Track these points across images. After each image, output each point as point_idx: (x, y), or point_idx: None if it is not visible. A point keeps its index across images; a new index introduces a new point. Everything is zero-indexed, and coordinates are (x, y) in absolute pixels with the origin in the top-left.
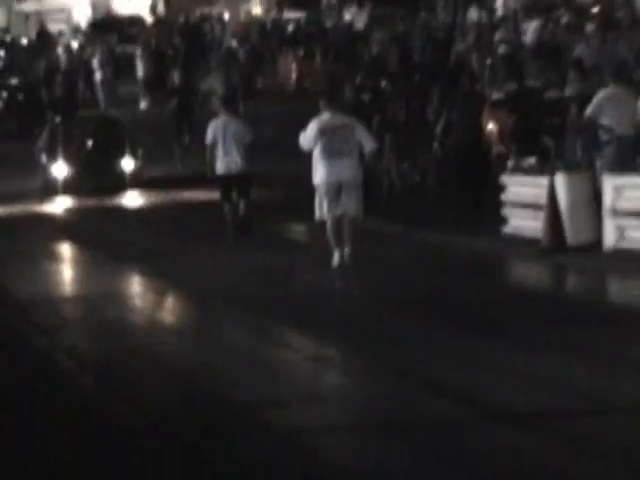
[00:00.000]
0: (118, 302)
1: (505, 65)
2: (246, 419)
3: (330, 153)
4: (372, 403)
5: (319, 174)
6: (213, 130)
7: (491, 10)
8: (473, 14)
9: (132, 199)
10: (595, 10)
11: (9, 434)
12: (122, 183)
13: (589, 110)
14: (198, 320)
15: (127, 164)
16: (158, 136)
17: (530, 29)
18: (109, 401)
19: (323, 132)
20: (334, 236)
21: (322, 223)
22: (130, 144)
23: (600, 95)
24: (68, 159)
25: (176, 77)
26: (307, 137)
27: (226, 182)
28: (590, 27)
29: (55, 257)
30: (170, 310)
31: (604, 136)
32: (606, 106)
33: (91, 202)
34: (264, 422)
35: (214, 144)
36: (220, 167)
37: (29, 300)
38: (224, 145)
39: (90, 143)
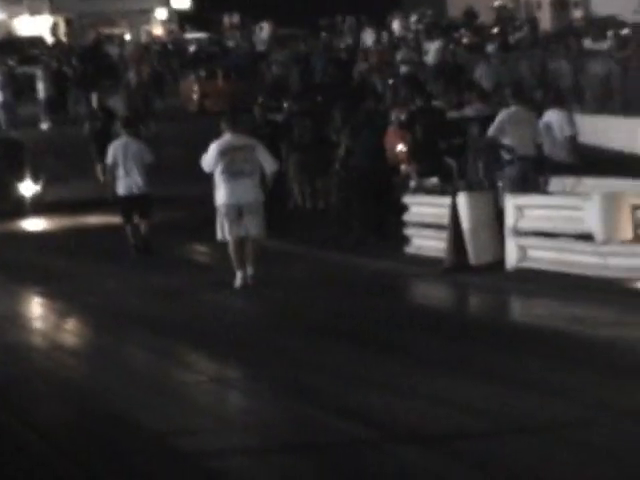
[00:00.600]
0: (18, 324)
1: (407, 85)
2: (150, 443)
3: (231, 174)
4: (276, 425)
5: (220, 195)
6: (113, 151)
7: (390, 31)
8: (368, 37)
9: (33, 223)
10: (495, 31)
11: None
12: (22, 207)
13: (491, 130)
14: (100, 342)
15: (27, 187)
16: (59, 157)
17: (432, 49)
18: (7, 424)
19: (224, 153)
20: (236, 257)
21: (224, 244)
22: (31, 166)
23: (502, 115)
24: None
25: (94, 99)
26: (208, 159)
27: (127, 203)
28: (491, 47)
29: None
30: (71, 332)
31: (506, 156)
32: (508, 126)
33: None
34: (171, 446)
35: (114, 165)
36: (121, 188)
37: None
38: (125, 166)
39: None
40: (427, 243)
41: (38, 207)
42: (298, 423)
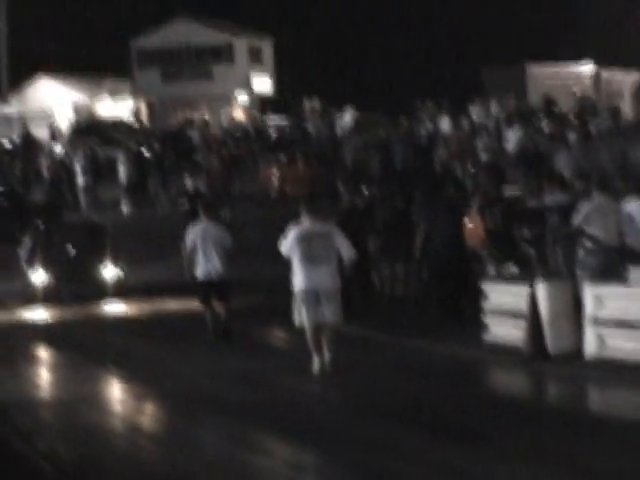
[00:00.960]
0: (96, 406)
1: (487, 173)
2: None
3: (308, 260)
4: None
5: (298, 281)
6: (192, 236)
7: (470, 117)
8: (445, 123)
9: (113, 306)
10: (576, 119)
11: None
12: (103, 291)
13: (577, 219)
14: (176, 426)
15: (109, 271)
16: (140, 240)
17: (512, 137)
18: None
19: (302, 239)
20: (314, 343)
21: (302, 329)
22: (112, 251)
23: (587, 205)
24: (49, 266)
25: (188, 181)
26: (286, 244)
27: (206, 288)
28: (572, 136)
29: (34, 361)
30: (148, 415)
31: (589, 245)
32: (592, 216)
33: (71, 309)
34: None
35: (193, 249)
36: (200, 273)
37: (8, 403)
38: (204, 250)
39: (72, 249)
40: (505, 331)
41: (119, 290)
42: None
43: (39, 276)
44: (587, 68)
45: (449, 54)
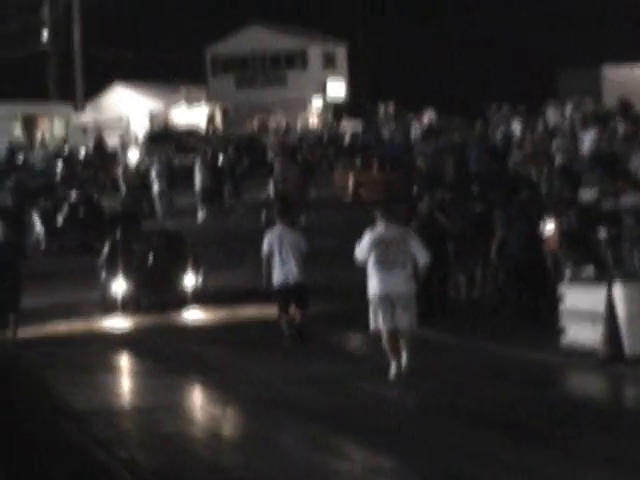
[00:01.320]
0: (176, 414)
1: (562, 176)
2: None
3: (383, 265)
4: None
5: (372, 286)
6: (269, 241)
7: (545, 119)
8: (517, 126)
9: (193, 314)
10: None
11: None
12: (184, 300)
13: None
14: (256, 431)
15: (189, 280)
16: (216, 248)
17: (587, 139)
18: None
19: (377, 244)
20: (390, 348)
21: (378, 334)
22: (192, 259)
23: None
24: (128, 275)
25: (270, 188)
26: (362, 249)
27: (284, 293)
28: None
29: (113, 369)
30: (227, 421)
31: None
32: None
33: (151, 318)
34: None
35: (270, 255)
36: (277, 278)
37: (88, 412)
38: (280, 256)
39: (151, 258)
40: (583, 334)
41: (199, 299)
42: None
43: (119, 285)
44: None
45: (525, 57)
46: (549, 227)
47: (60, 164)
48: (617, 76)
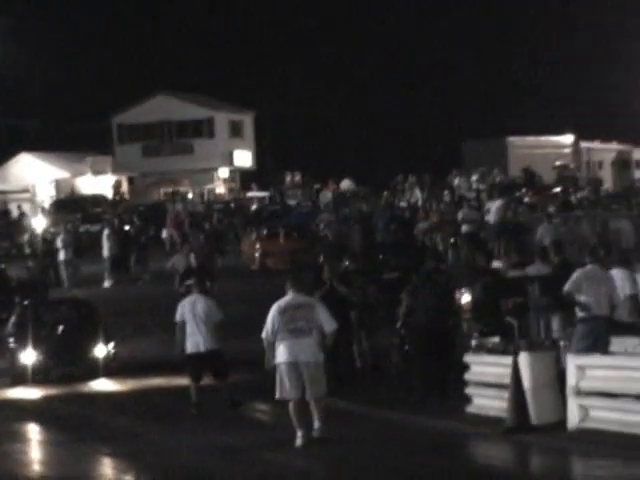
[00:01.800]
0: None
1: (468, 244)
2: None
3: (290, 332)
4: None
5: (280, 353)
6: (181, 309)
7: (452, 189)
8: (419, 197)
9: (102, 384)
10: (557, 190)
11: None
12: (94, 370)
13: (567, 286)
14: None
15: (99, 350)
16: (124, 316)
17: (493, 208)
18: None
19: (283, 311)
20: (296, 416)
21: (285, 401)
22: (102, 329)
23: (578, 273)
24: (38, 345)
25: (192, 259)
26: (267, 327)
27: (195, 360)
28: (552, 207)
29: (20, 439)
30: None
31: (580, 313)
32: (584, 284)
33: (61, 388)
34: None
35: (183, 323)
36: (189, 346)
37: None
38: (193, 323)
39: (61, 328)
40: (488, 402)
41: (109, 369)
42: None
43: (28, 355)
44: (567, 140)
45: (430, 130)
46: (466, 296)
47: None
48: (522, 147)
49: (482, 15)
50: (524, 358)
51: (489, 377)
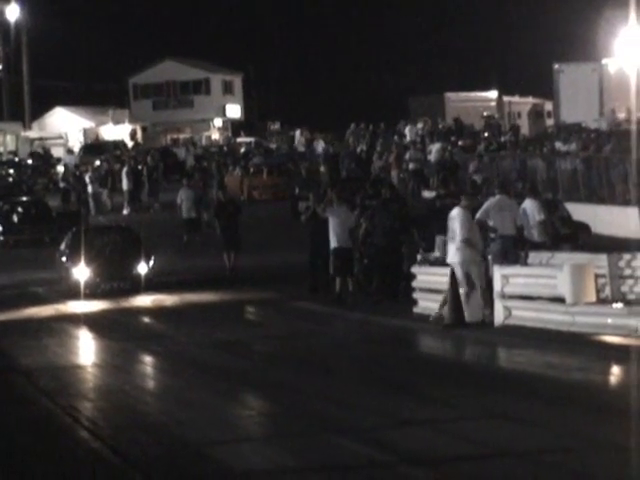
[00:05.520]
0: (109, 370)
1: (414, 178)
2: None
3: None
4: (305, 450)
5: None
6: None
7: (401, 135)
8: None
9: (145, 299)
10: (485, 135)
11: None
12: (137, 285)
13: (478, 214)
14: (174, 385)
15: (141, 268)
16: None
17: (433, 150)
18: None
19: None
20: None
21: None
22: (144, 249)
23: (488, 202)
24: (88, 263)
25: (219, 194)
26: None
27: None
28: (481, 148)
29: (63, 335)
30: (152, 377)
31: (491, 235)
32: (492, 211)
33: (108, 300)
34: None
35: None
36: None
37: (34, 368)
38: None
39: (108, 249)
40: (431, 305)
41: (150, 285)
42: (324, 448)
43: (80, 272)
44: (492, 95)
45: (383, 87)
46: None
47: (11, 171)
48: (456, 101)
49: None
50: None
51: (432, 284)
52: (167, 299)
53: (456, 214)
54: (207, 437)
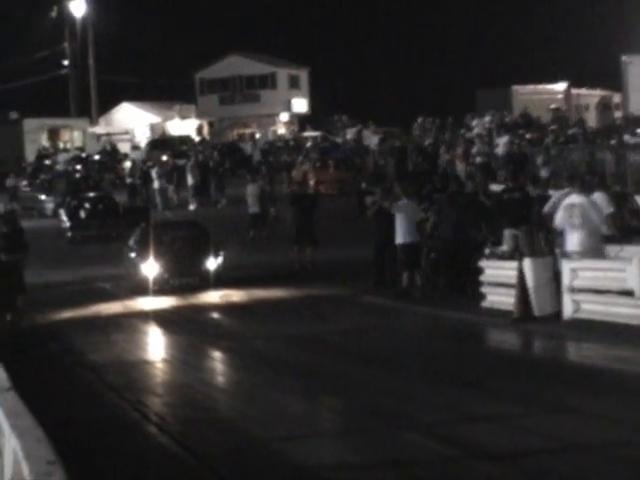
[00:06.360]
0: (176, 366)
1: (482, 172)
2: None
3: None
4: (377, 444)
5: None
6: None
7: (468, 128)
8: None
9: (213, 294)
10: (552, 128)
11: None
12: (206, 280)
13: (546, 207)
14: (242, 381)
15: (210, 263)
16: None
17: (501, 143)
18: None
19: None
20: None
21: None
22: (212, 245)
23: (556, 195)
24: (157, 259)
25: (294, 187)
26: None
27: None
28: (548, 141)
29: (132, 330)
30: (220, 373)
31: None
32: (559, 204)
33: (177, 296)
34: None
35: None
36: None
37: (102, 363)
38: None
39: (177, 245)
40: (499, 298)
41: (219, 281)
42: (393, 444)
43: (149, 267)
44: (560, 87)
45: (451, 80)
46: None
47: (79, 167)
48: (524, 94)
49: None
50: (527, 262)
51: (500, 278)
52: (235, 295)
53: (584, 202)
54: (275, 433)
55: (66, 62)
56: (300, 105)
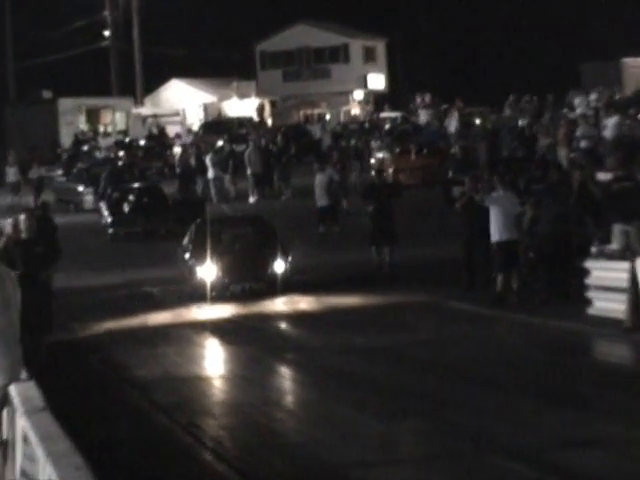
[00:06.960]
0: (237, 382)
1: (587, 158)
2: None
3: None
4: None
5: None
6: None
7: (571, 108)
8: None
9: (278, 301)
10: None
11: None
12: (273, 286)
13: None
14: (306, 397)
15: (278, 266)
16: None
17: (609, 124)
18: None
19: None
20: None
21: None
22: (280, 244)
23: None
24: (215, 261)
25: (373, 176)
26: None
27: None
28: None
29: (185, 342)
30: (279, 390)
31: None
32: None
33: (239, 305)
34: None
35: None
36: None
37: (150, 380)
38: None
39: (238, 244)
40: (608, 305)
41: (288, 286)
42: (487, 472)
43: (206, 272)
44: None
45: (550, 53)
46: None
47: (122, 153)
48: (636, 67)
49: None
50: None
51: (608, 281)
52: (302, 301)
53: None
54: (347, 457)
55: (107, 33)
56: (377, 81)
